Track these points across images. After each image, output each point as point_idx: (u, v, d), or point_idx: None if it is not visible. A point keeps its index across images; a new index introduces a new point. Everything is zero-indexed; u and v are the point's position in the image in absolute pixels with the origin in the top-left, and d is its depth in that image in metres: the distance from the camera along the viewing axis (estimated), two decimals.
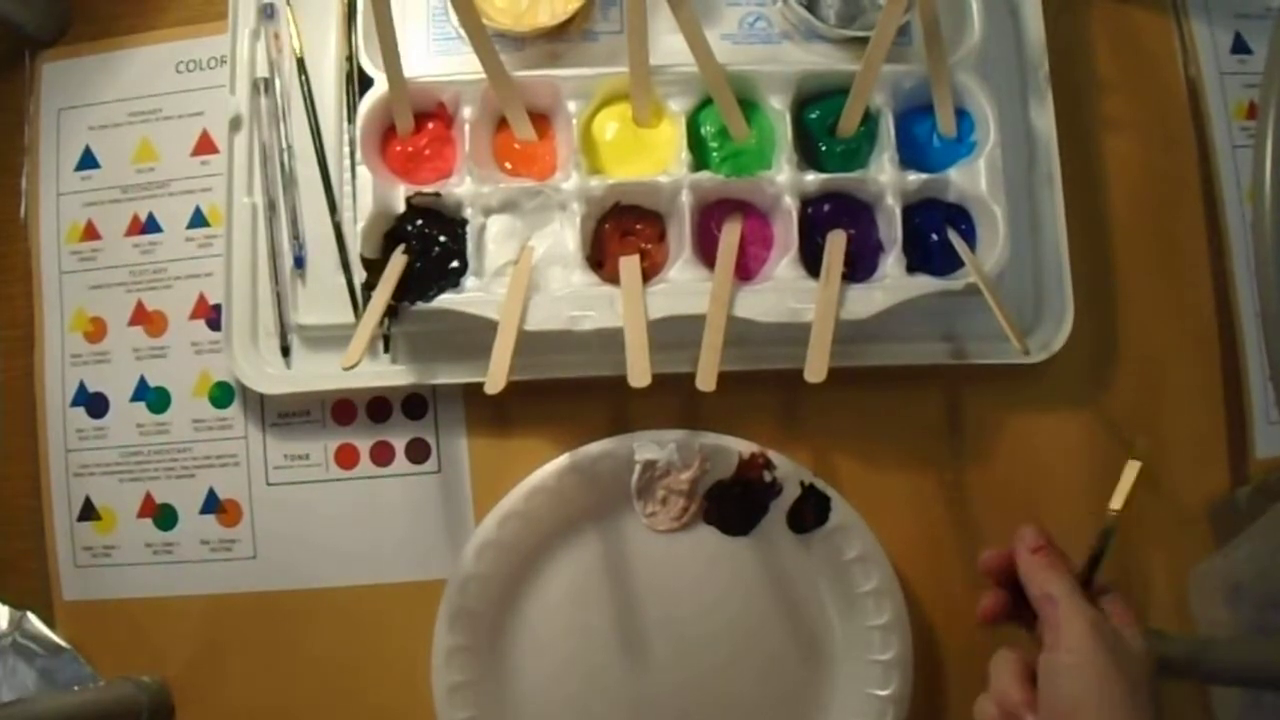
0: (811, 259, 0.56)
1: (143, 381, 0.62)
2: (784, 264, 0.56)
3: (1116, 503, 0.47)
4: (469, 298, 0.55)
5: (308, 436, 0.61)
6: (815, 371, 0.51)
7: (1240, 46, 0.64)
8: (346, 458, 0.61)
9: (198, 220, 0.63)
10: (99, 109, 0.64)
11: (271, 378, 0.59)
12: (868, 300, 0.55)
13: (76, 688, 0.59)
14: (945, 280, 0.56)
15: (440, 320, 0.56)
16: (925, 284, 0.56)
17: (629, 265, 0.56)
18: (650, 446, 0.58)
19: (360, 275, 0.57)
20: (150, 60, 0.64)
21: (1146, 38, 0.65)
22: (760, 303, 0.55)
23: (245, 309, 0.59)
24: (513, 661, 0.59)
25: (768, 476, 0.58)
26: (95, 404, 0.62)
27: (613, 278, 0.56)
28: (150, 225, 0.63)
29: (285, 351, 0.59)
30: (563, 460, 0.58)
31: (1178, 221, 0.63)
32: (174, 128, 0.64)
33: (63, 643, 0.60)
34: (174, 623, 0.61)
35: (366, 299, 0.55)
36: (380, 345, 0.59)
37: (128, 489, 0.62)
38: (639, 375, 0.50)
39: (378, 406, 0.61)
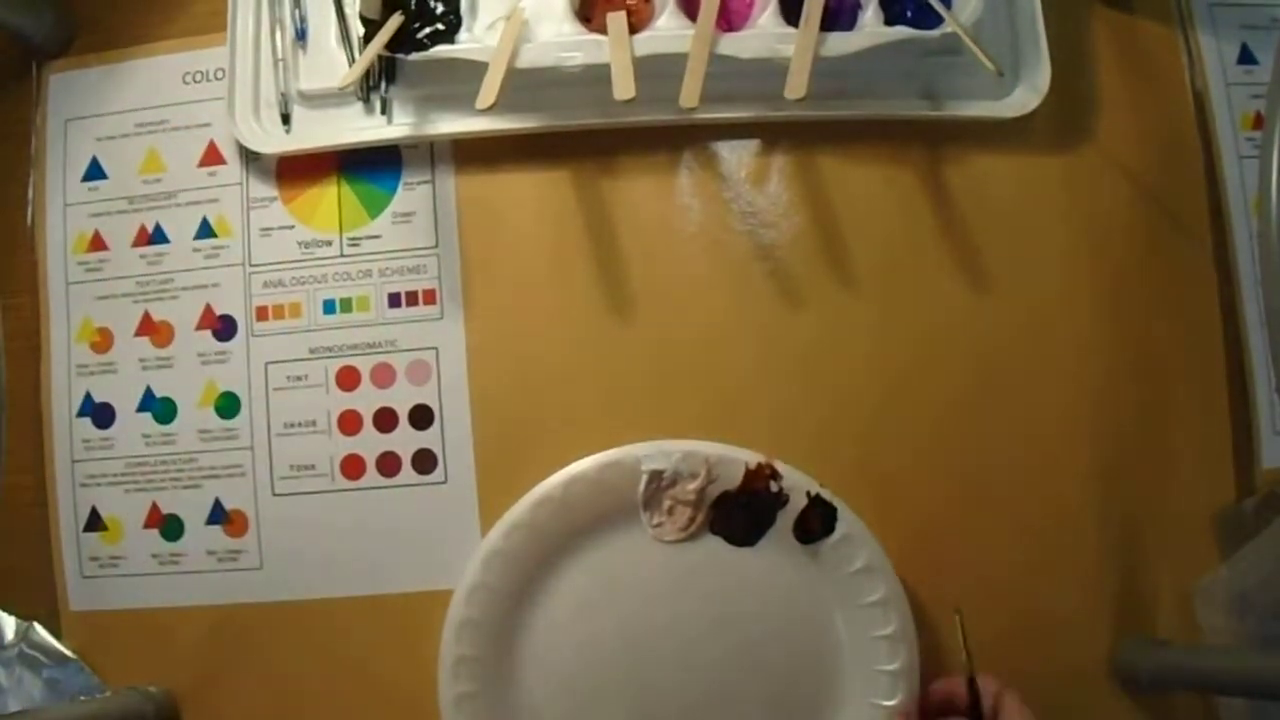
0: (792, 15, 0.57)
1: (149, 392, 0.62)
2: (765, 16, 0.58)
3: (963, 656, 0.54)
4: (462, 47, 0.57)
5: (314, 447, 0.61)
6: (795, 89, 0.53)
7: (1246, 57, 0.64)
8: (353, 468, 0.61)
9: (205, 231, 0.63)
10: (106, 120, 0.64)
11: (271, 140, 0.61)
12: (845, 42, 0.56)
13: (83, 698, 0.59)
14: (923, 32, 0.57)
15: (434, 82, 0.59)
16: (902, 32, 0.57)
17: (616, 20, 0.57)
18: (657, 457, 0.58)
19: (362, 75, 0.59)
20: (157, 71, 0.64)
21: (1152, 48, 0.64)
22: (742, 43, 0.57)
23: (247, 80, 0.62)
24: (519, 671, 0.59)
25: (774, 487, 0.58)
26: (101, 414, 0.63)
27: (600, 31, 0.57)
28: (157, 236, 0.63)
29: (285, 119, 0.62)
30: (569, 471, 0.58)
31: (1183, 231, 0.63)
32: (181, 139, 0.64)
33: (69, 653, 0.60)
34: (180, 633, 0.61)
35: None
36: (377, 107, 0.61)
37: (134, 499, 0.62)
38: (624, 90, 0.52)
39: (384, 417, 0.61)
